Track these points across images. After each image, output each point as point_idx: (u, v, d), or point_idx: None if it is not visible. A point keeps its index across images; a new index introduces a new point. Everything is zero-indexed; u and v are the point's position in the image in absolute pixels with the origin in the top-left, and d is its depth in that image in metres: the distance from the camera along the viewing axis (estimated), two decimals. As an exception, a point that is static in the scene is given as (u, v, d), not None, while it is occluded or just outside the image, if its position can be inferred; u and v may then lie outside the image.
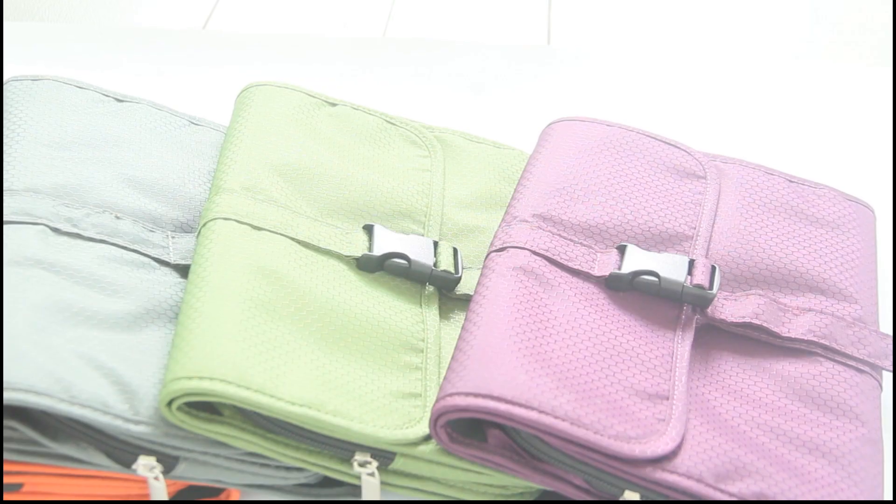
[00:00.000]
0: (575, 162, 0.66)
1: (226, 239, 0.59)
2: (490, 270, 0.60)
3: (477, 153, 0.73)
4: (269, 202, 0.62)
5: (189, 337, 0.54)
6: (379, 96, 0.85)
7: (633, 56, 0.93)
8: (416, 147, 0.71)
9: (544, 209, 0.63)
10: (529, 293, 0.58)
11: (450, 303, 0.63)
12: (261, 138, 0.66)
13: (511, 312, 0.57)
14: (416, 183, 0.68)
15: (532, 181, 0.66)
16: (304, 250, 0.60)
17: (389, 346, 0.58)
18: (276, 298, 0.56)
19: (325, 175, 0.65)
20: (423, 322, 0.60)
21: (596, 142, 0.68)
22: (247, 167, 0.64)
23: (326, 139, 0.68)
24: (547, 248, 0.61)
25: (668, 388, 0.56)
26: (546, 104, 0.86)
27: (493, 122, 0.83)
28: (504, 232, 0.62)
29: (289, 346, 0.55)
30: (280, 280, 0.58)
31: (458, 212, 0.68)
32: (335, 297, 0.58)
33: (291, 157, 0.65)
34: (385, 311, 0.59)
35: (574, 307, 0.58)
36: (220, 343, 0.53)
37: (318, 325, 0.57)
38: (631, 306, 0.60)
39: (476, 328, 0.56)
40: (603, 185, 0.65)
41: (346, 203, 0.65)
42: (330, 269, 0.60)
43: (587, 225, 0.63)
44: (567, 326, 0.57)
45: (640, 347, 0.57)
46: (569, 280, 0.60)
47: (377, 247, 0.62)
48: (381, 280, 0.61)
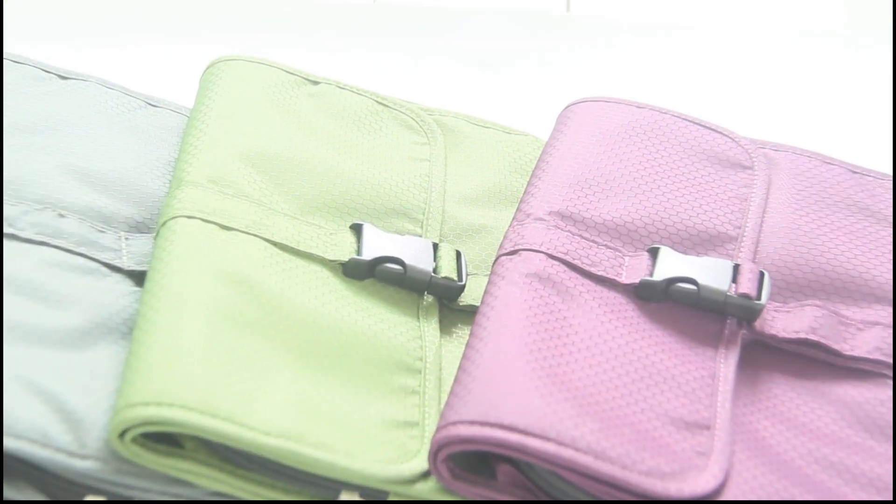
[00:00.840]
0: (599, 149, 0.66)
1: (189, 240, 0.59)
2: (499, 277, 0.60)
3: (484, 140, 0.73)
4: (239, 197, 0.62)
5: (145, 355, 0.53)
6: (369, 73, 0.85)
7: (667, 27, 0.93)
8: (412, 132, 0.71)
9: (563, 205, 0.63)
10: (545, 304, 0.58)
11: (452, 315, 0.63)
12: (230, 122, 0.66)
13: (524, 326, 0.56)
14: (412, 175, 0.68)
15: (548, 172, 0.66)
16: (281, 254, 0.60)
17: (381, 366, 0.57)
18: (247, 310, 0.56)
19: (306, 166, 0.65)
20: (421, 338, 0.60)
21: (623, 126, 0.68)
22: (214, 156, 0.63)
23: (307, 123, 0.68)
24: (566, 250, 0.61)
25: (709, 415, 0.55)
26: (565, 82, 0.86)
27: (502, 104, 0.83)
28: (516, 232, 0.62)
29: (263, 367, 0.54)
30: (253, 288, 0.57)
31: (461, 209, 0.68)
32: (318, 309, 0.58)
33: (266, 145, 0.65)
34: (376, 324, 0.59)
35: (598, 320, 0.58)
36: (182, 363, 0.53)
37: (298, 342, 0.56)
38: (665, 319, 0.60)
39: (483, 345, 0.56)
40: (632, 176, 0.65)
41: (331, 198, 0.64)
42: (311, 276, 0.60)
43: (613, 223, 0.63)
44: (590, 343, 0.57)
45: (676, 368, 0.57)
46: (592, 288, 0.60)
47: (367, 249, 0.61)
48: (371, 289, 0.61)
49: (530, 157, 0.72)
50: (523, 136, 0.74)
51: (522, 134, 0.74)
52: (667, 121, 0.68)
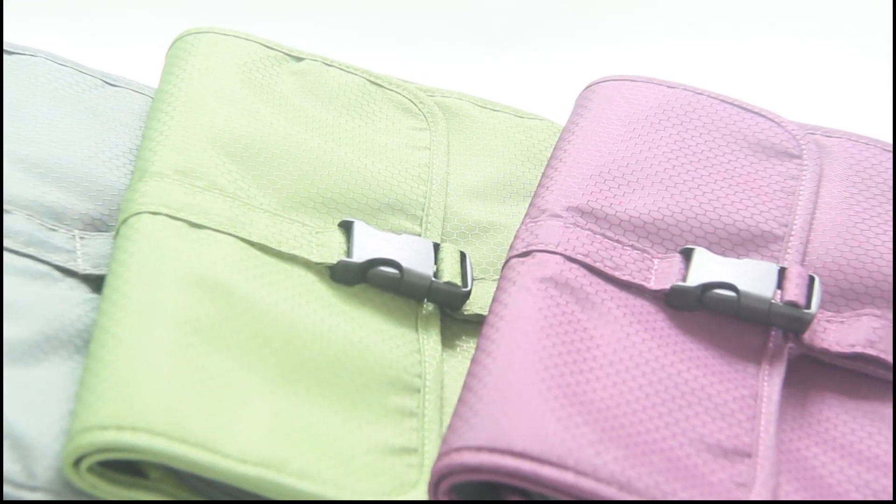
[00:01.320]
0: (624, 135, 0.65)
1: (154, 240, 0.58)
2: (510, 283, 0.59)
3: (492, 125, 0.72)
4: (212, 191, 0.61)
5: (104, 373, 0.53)
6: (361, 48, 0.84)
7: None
8: (410, 116, 0.70)
9: (583, 200, 0.62)
10: (563, 313, 0.57)
11: (455, 326, 0.62)
12: (201, 104, 0.65)
13: (538, 339, 0.56)
14: (410, 165, 0.67)
15: (566, 162, 0.65)
16: (259, 256, 0.59)
17: (375, 384, 0.57)
18: (222, 321, 0.56)
19: (289, 154, 0.64)
20: (420, 352, 0.59)
21: (652, 108, 0.67)
22: (182, 143, 0.62)
23: (289, 106, 0.67)
24: (586, 252, 0.60)
25: (750, 441, 0.55)
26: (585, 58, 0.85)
27: (513, 83, 0.82)
28: (529, 231, 0.61)
29: (239, 386, 0.54)
30: (227, 296, 0.57)
31: (466, 204, 0.67)
32: (302, 319, 0.57)
33: (242, 131, 0.64)
34: (368, 336, 0.58)
35: (623, 332, 0.57)
36: (146, 381, 0.52)
37: (279, 357, 0.56)
38: (700, 331, 0.59)
39: (491, 360, 0.55)
40: (662, 166, 0.64)
41: (317, 192, 0.64)
42: (294, 281, 0.59)
43: (641, 221, 0.62)
44: (613, 358, 0.56)
45: (713, 387, 0.56)
46: (616, 295, 0.59)
47: (358, 250, 0.61)
48: (363, 296, 0.60)
49: (545, 144, 0.71)
50: (537, 120, 0.73)
51: (536, 118, 0.73)
52: (702, 102, 0.68)
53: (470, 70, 0.83)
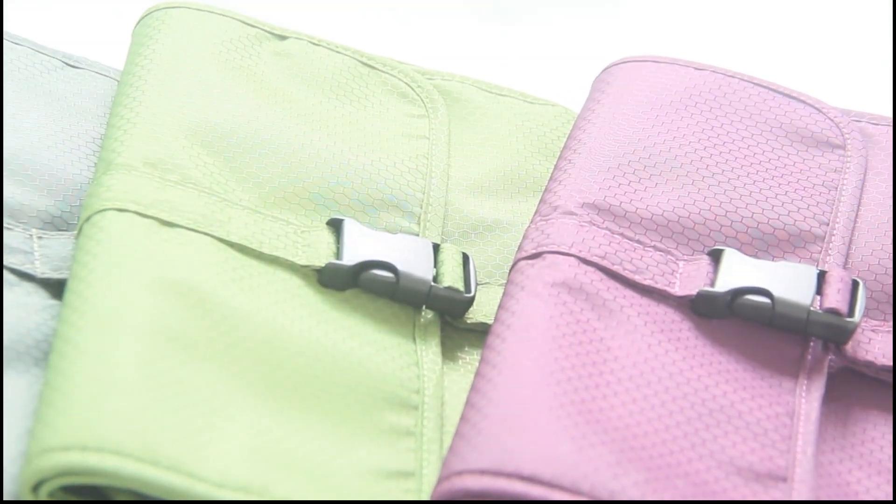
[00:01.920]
0: (646, 123, 0.66)
1: (121, 240, 0.58)
2: (518, 288, 0.59)
3: (499, 111, 0.72)
4: (185, 185, 0.61)
5: (66, 387, 0.53)
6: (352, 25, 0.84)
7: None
8: (407, 102, 0.70)
9: (600, 195, 0.62)
10: (577, 322, 0.57)
11: (457, 336, 0.62)
12: (172, 88, 0.65)
13: (549, 350, 0.56)
14: (406, 156, 0.67)
15: (581, 153, 0.65)
16: (238, 258, 0.60)
17: (367, 400, 0.57)
18: (197, 330, 0.56)
19: (271, 144, 0.65)
20: (418, 365, 0.59)
21: (678, 92, 0.67)
22: (152, 132, 0.62)
23: (272, 90, 0.67)
24: (603, 253, 0.60)
25: (785, 464, 0.55)
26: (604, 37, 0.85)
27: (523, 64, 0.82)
28: (539, 230, 0.62)
29: (217, 402, 0.54)
30: (203, 302, 0.57)
31: (469, 200, 0.67)
32: (286, 328, 0.58)
33: (219, 118, 0.64)
34: (360, 348, 0.59)
35: (644, 342, 0.58)
36: (114, 396, 0.52)
37: (261, 370, 0.56)
38: (730, 341, 0.59)
39: (497, 374, 0.55)
40: (688, 158, 0.64)
41: (303, 186, 0.64)
42: (278, 286, 0.59)
43: (664, 219, 0.62)
44: (633, 372, 0.56)
45: (744, 403, 0.56)
46: (636, 302, 0.59)
47: (349, 252, 0.61)
48: (354, 302, 0.60)
49: (558, 133, 0.71)
50: (550, 106, 0.73)
51: (548, 104, 0.73)
52: (734, 86, 0.68)
53: (474, 49, 0.83)
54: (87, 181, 0.64)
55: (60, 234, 0.62)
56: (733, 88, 0.68)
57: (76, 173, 0.64)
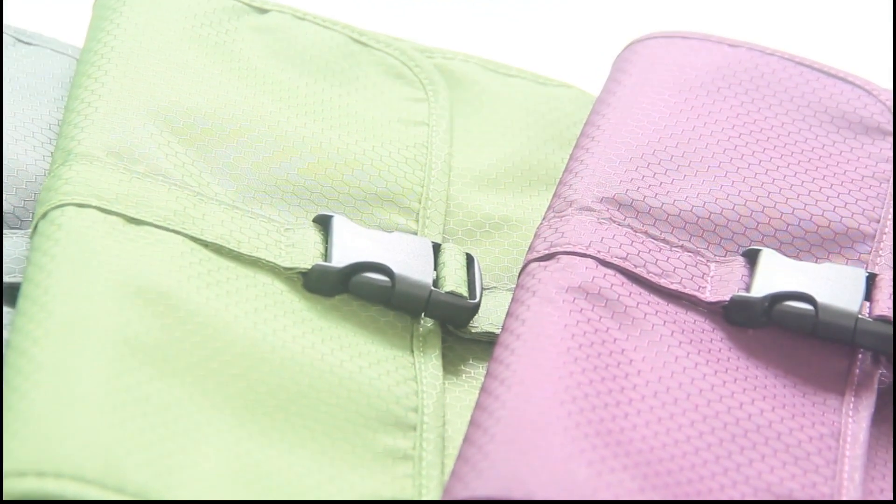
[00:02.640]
0: (673, 108, 0.66)
1: (81, 239, 0.58)
2: (529, 293, 0.59)
3: (507, 94, 0.72)
4: (154, 177, 0.61)
5: (20, 405, 0.52)
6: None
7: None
8: (404, 84, 0.70)
9: (621, 188, 0.62)
10: (595, 331, 0.57)
11: (461, 347, 0.62)
12: (139, 69, 0.65)
13: (564, 364, 0.56)
14: (403, 145, 0.67)
15: (601, 141, 0.65)
16: (214, 259, 0.59)
17: (359, 420, 0.56)
18: (167, 341, 0.55)
19: (251, 132, 0.64)
20: (417, 380, 0.59)
21: (709, 73, 0.67)
22: (116, 118, 0.62)
23: (251, 71, 0.67)
24: (625, 254, 0.60)
25: (830, 491, 0.54)
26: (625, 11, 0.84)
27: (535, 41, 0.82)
28: (553, 228, 0.61)
29: (189, 421, 0.53)
30: (174, 310, 0.56)
31: (474, 194, 0.67)
32: (267, 339, 0.57)
33: (192, 101, 0.64)
34: (351, 361, 0.58)
35: (670, 355, 0.57)
36: (73, 415, 0.52)
37: (240, 386, 0.55)
38: (768, 353, 0.59)
39: (506, 390, 0.55)
40: (721, 146, 0.64)
41: (286, 179, 0.64)
42: (258, 291, 0.59)
43: (694, 215, 0.62)
44: (658, 387, 0.56)
45: (784, 423, 0.56)
46: (661, 309, 0.59)
47: (338, 253, 0.61)
48: (344, 309, 0.60)
49: (574, 118, 0.71)
50: (564, 88, 0.73)
51: (563, 85, 0.73)
52: (773, 65, 0.67)
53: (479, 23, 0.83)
54: (44, 173, 0.63)
55: (13, 232, 0.61)
56: (772, 68, 0.67)
57: (30, 164, 0.64)
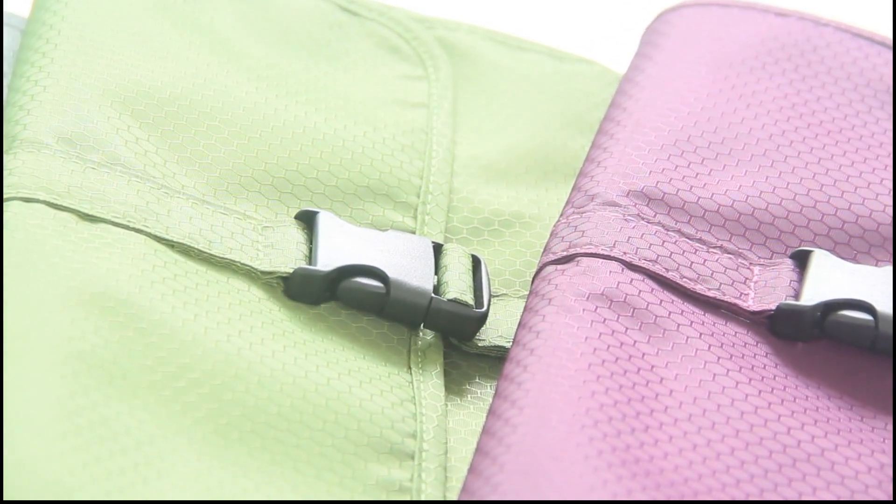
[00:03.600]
0: (712, 87, 0.66)
1: (28, 239, 0.58)
2: (544, 301, 0.59)
3: (520, 71, 0.72)
4: (111, 167, 0.61)
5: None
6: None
7: None
8: (400, 59, 0.71)
9: (651, 180, 0.63)
10: (620, 345, 0.57)
11: (466, 364, 0.63)
12: (95, 43, 0.65)
13: (585, 383, 0.56)
14: (399, 130, 0.67)
15: (627, 126, 0.65)
16: (181, 262, 0.60)
17: (349, 447, 0.56)
18: (127, 356, 0.55)
19: (223, 115, 0.65)
20: (415, 401, 0.59)
21: (753, 47, 0.67)
22: (67, 99, 0.63)
23: (224, 45, 0.68)
24: (655, 255, 0.60)
25: (891, 528, 0.54)
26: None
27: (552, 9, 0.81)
28: (572, 226, 0.62)
29: (152, 449, 0.53)
30: (135, 320, 0.56)
31: (481, 186, 0.68)
32: (242, 354, 0.57)
33: (156, 80, 0.65)
34: (339, 379, 0.58)
35: (707, 372, 0.57)
36: (22, 440, 0.52)
37: (210, 408, 0.56)
38: (820, 371, 0.59)
39: (517, 413, 0.55)
40: (767, 132, 0.65)
41: (264, 169, 0.64)
42: (232, 299, 0.59)
43: (735, 211, 0.62)
44: (693, 410, 0.56)
45: (838, 451, 0.56)
46: (697, 319, 0.59)
47: (324, 255, 0.61)
48: (331, 320, 0.61)
49: (596, 99, 0.71)
50: (585, 64, 0.73)
51: (584, 61, 0.73)
52: (827, 37, 0.68)
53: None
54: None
55: (-49, 231, 0.60)
56: (827, 41, 0.68)
57: (-32, 151, 0.62)
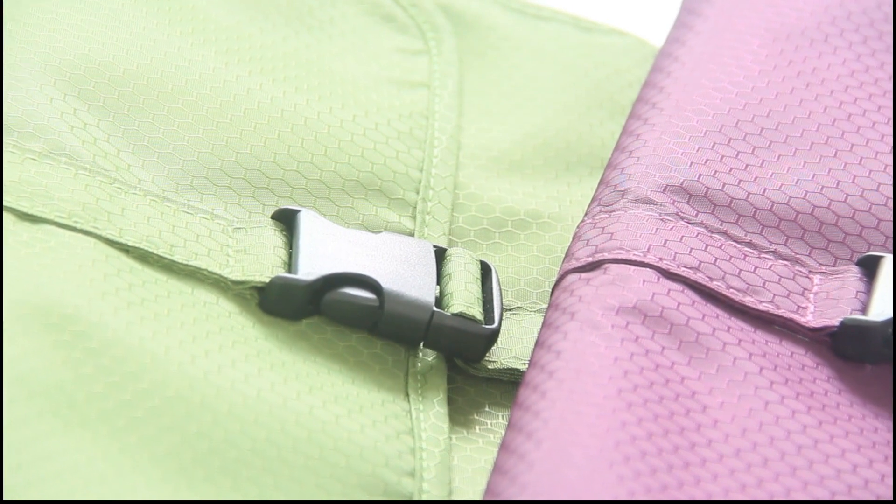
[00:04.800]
0: (765, 64, 0.66)
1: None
2: (567, 316, 0.59)
3: (538, 44, 0.72)
4: (56, 158, 0.62)
5: None
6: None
7: None
8: (396, 30, 0.71)
9: (692, 173, 0.63)
10: (656, 367, 0.58)
11: (473, 389, 0.63)
12: (34, 12, 0.66)
13: (614, 412, 0.56)
14: (396, 114, 0.68)
15: (666, 110, 0.65)
16: (138, 270, 0.60)
17: (335, 487, 0.57)
18: (73, 380, 0.56)
19: (186, 95, 0.65)
20: (414, 433, 0.60)
21: (814, 15, 0.68)
22: (3, 79, 0.63)
23: (189, 13, 0.68)
24: (697, 262, 0.61)
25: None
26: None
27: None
28: (599, 227, 0.62)
29: (105, 490, 0.54)
30: (83, 338, 0.57)
31: (491, 181, 0.68)
32: (209, 378, 0.57)
33: (107, 55, 0.65)
34: (325, 408, 0.58)
35: (758, 400, 0.58)
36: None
37: (172, 441, 0.56)
38: (890, 399, 0.59)
39: (535, 448, 0.55)
40: (829, 116, 0.65)
41: (236, 160, 0.65)
42: (197, 314, 0.60)
43: (791, 209, 0.63)
44: (742, 444, 0.56)
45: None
46: (747, 337, 0.59)
47: (307, 261, 0.61)
48: (314, 338, 0.61)
49: (629, 77, 0.72)
50: (616, 35, 0.73)
51: (614, 32, 0.74)
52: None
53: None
54: None
55: None
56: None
57: None
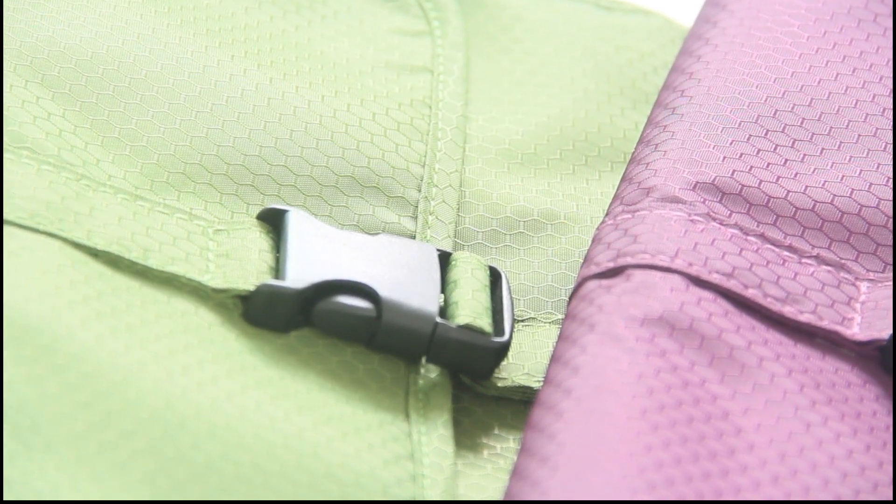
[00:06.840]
0: (806, 48, 0.68)
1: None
2: (586, 327, 0.60)
3: (554, 24, 0.73)
4: (17, 152, 0.63)
5: None
6: None
7: None
8: (396, 9, 0.72)
9: (725, 169, 0.64)
10: (684, 384, 0.58)
11: (481, 409, 0.64)
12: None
13: (638, 435, 0.57)
14: (395, 102, 0.69)
15: (695, 99, 0.66)
16: (108, 276, 0.61)
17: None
18: (37, 399, 0.57)
19: (162, 82, 0.66)
20: (414, 458, 0.60)
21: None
22: None
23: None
24: (731, 268, 0.62)
25: None
26: None
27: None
28: (621, 229, 0.63)
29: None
30: (48, 352, 0.58)
31: (502, 177, 0.69)
32: (188, 396, 0.58)
33: (74, 38, 0.67)
34: (316, 430, 0.59)
35: (799, 421, 0.58)
36: None
37: (146, 468, 0.57)
38: None
39: (550, 474, 0.56)
40: (879, 107, 0.66)
41: (217, 154, 0.66)
42: (175, 325, 0.60)
43: (835, 210, 0.64)
44: (780, 470, 0.57)
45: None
46: (786, 351, 0.60)
47: (296, 267, 0.62)
48: (304, 351, 0.62)
49: (655, 62, 0.73)
50: (641, 15, 0.74)
51: (639, 12, 0.74)
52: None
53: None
54: None
55: None
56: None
57: None
